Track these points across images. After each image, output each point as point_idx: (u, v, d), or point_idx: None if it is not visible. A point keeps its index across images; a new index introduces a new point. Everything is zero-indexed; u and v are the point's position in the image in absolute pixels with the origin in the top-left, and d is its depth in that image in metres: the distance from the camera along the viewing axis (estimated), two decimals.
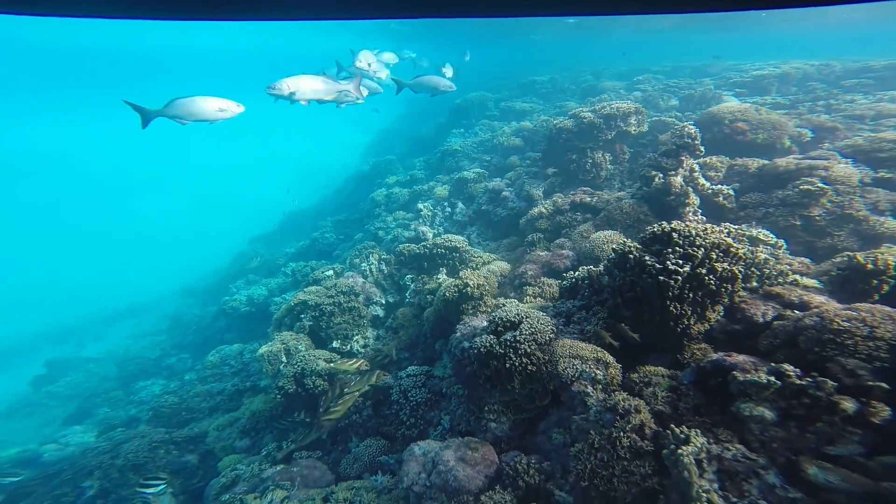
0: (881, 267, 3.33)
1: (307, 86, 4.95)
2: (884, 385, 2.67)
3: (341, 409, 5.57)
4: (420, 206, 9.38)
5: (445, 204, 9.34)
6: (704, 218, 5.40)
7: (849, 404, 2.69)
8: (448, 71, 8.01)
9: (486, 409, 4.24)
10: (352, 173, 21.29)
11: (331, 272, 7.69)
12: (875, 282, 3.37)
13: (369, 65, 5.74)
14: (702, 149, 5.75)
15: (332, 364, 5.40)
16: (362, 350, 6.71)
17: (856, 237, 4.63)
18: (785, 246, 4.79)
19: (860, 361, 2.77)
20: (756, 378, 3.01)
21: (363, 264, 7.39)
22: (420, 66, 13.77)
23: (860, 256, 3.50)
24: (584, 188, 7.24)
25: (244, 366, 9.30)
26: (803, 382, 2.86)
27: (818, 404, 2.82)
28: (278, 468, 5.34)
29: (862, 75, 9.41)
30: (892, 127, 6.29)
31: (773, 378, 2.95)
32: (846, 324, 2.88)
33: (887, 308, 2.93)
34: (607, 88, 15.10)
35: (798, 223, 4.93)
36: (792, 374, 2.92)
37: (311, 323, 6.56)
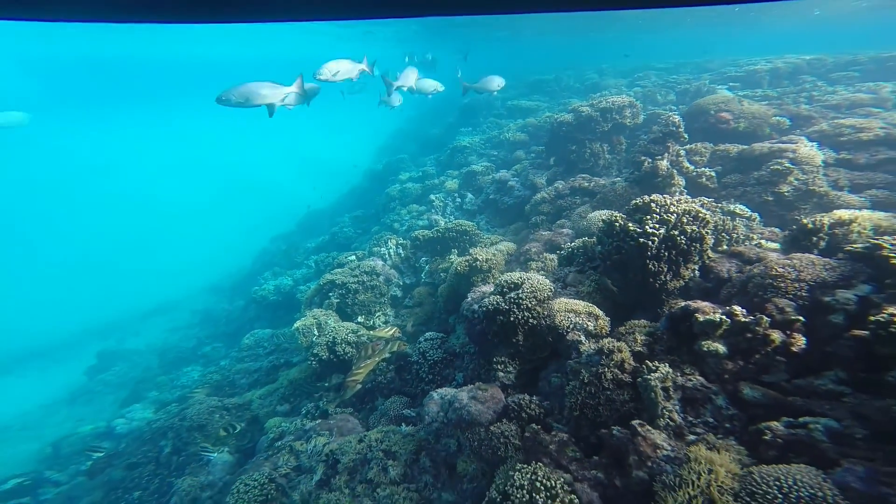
0: (818, 226, 3.97)
1: (256, 92, 5.31)
2: (801, 318, 3.33)
3: (364, 370, 6.38)
4: (432, 197, 10.17)
5: (456, 195, 10.11)
6: (689, 197, 6.05)
7: (777, 336, 3.36)
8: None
9: (495, 361, 4.98)
10: (365, 172, 22.22)
11: (353, 257, 8.53)
12: (814, 238, 4.00)
13: (334, 74, 6.03)
14: (685, 136, 6.41)
15: (371, 331, 6.22)
16: (384, 325, 7.52)
17: (819, 210, 5.21)
18: (759, 218, 5.43)
19: (788, 300, 3.44)
20: (712, 318, 3.70)
21: (382, 249, 8.21)
22: (428, 63, 14.67)
23: (805, 219, 4.15)
24: (583, 175, 7.93)
25: (276, 346, 10.23)
26: (747, 320, 3.54)
27: (757, 338, 3.50)
28: (317, 422, 6.19)
29: (849, 68, 9.85)
30: (861, 115, 6.80)
31: (724, 317, 3.64)
32: (781, 269, 3.55)
33: (812, 256, 3.59)
34: (609, 85, 15.67)
35: (770, 199, 5.55)
36: (739, 313, 3.59)
37: (338, 300, 7.40)
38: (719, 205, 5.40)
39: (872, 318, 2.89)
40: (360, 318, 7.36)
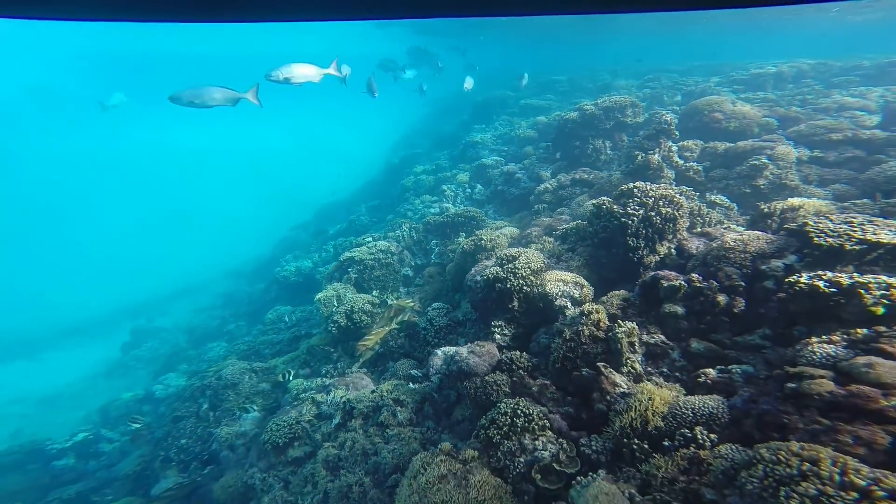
0: (772, 210, 4.57)
1: (207, 95, 5.97)
2: (741, 282, 3.96)
3: (374, 338, 7.19)
4: (444, 187, 10.91)
5: (466, 186, 10.84)
6: (667, 184, 6.65)
7: (722, 298, 4.00)
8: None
9: (493, 324, 5.70)
10: (382, 166, 23.08)
11: (370, 239, 9.33)
12: (769, 220, 4.60)
13: (286, 78, 6.30)
14: (676, 133, 7.00)
15: (398, 300, 7.03)
16: (397, 301, 8.30)
17: None
18: (736, 208, 6.02)
19: (735, 269, 4.07)
20: (674, 283, 4.35)
21: (396, 232, 9.00)
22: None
23: (762, 204, 4.75)
24: (584, 168, 8.56)
25: (296, 322, 11.12)
26: (701, 285, 4.18)
27: (708, 301, 4.13)
28: (335, 379, 7.02)
29: (851, 73, 10.17)
30: (847, 117, 7.23)
31: (683, 282, 4.29)
32: (733, 243, 4.18)
33: (759, 233, 4.21)
34: (620, 87, 16.14)
35: (748, 191, 6.11)
36: (696, 279, 4.24)
37: (356, 275, 8.21)
38: (698, 194, 6.00)
39: (788, 280, 3.52)
40: (374, 293, 8.15)
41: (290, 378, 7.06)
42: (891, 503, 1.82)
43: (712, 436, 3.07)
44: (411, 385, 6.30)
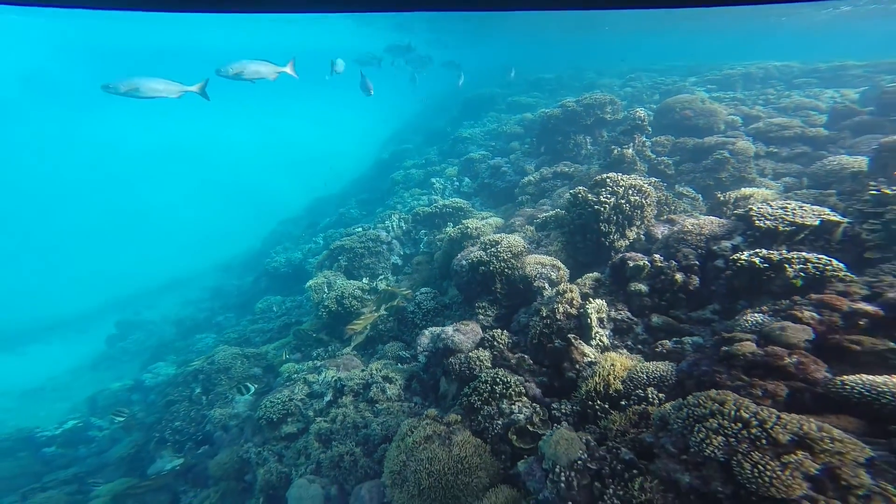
0: (727, 199, 5.04)
1: (146, 86, 6.00)
2: (696, 262, 4.41)
3: (363, 322, 7.52)
4: (433, 181, 11.25)
5: (455, 179, 11.19)
6: (637, 175, 7.11)
7: (679, 277, 4.44)
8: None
9: (477, 305, 6.08)
10: (372, 162, 23.27)
11: (360, 229, 9.62)
12: (724, 208, 5.08)
13: (237, 73, 6.40)
14: (649, 129, 7.46)
15: (390, 287, 7.34)
16: (388, 286, 8.61)
17: None
18: (702, 198, 6.50)
19: (691, 249, 4.51)
20: (639, 263, 4.78)
21: (386, 222, 9.30)
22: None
23: (719, 193, 5.22)
24: (566, 162, 8.99)
25: (286, 311, 11.35)
26: (662, 264, 4.62)
27: (667, 279, 4.58)
28: (326, 361, 7.32)
29: (811, 75, 10.85)
30: (802, 116, 7.81)
31: (647, 262, 4.72)
32: (690, 227, 4.63)
33: (713, 217, 4.67)
34: (604, 85, 16.66)
35: (712, 183, 6.61)
36: (658, 259, 4.68)
37: (346, 263, 8.51)
38: (665, 185, 6.46)
39: (732, 258, 3.97)
40: (364, 280, 8.46)
41: (251, 388, 7.27)
42: (761, 429, 2.26)
43: (661, 395, 3.49)
44: (400, 365, 6.65)
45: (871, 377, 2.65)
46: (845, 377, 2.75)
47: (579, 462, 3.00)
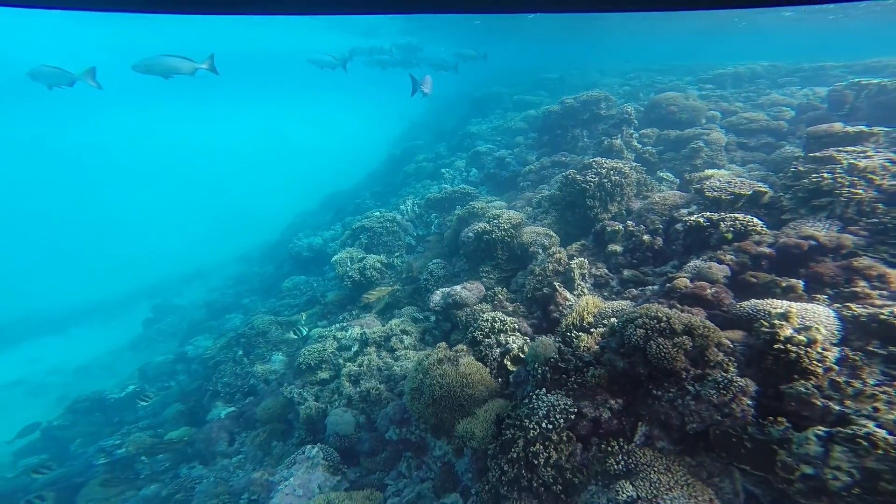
0: (693, 178, 6.05)
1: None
2: (660, 226, 5.44)
3: (377, 294, 8.64)
4: (443, 171, 12.35)
5: (463, 170, 12.27)
6: (618, 160, 8.11)
7: (647, 238, 5.47)
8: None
9: (481, 269, 7.16)
10: (384, 158, 24.47)
11: (377, 213, 10.77)
12: (690, 186, 6.08)
13: (149, 68, 6.64)
14: (636, 122, 8.46)
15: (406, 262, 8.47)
16: (402, 264, 9.73)
17: None
18: (679, 182, 7.49)
19: (657, 216, 5.54)
20: (615, 228, 5.82)
21: (401, 206, 10.43)
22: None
23: (686, 174, 6.22)
24: (563, 153, 10.01)
25: (311, 288, 12.55)
26: (633, 228, 5.65)
27: (637, 240, 5.60)
28: (351, 321, 8.46)
29: (794, 74, 11.68)
30: (775, 112, 8.69)
31: (621, 227, 5.76)
32: (658, 199, 5.66)
33: (677, 191, 5.68)
34: (605, 84, 17.58)
35: (689, 168, 7.58)
36: (630, 224, 5.71)
37: (366, 241, 9.65)
38: (646, 169, 7.47)
39: (685, 220, 4.98)
40: (382, 256, 9.60)
41: (304, 331, 8.42)
42: (666, 323, 3.30)
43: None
44: (415, 323, 7.76)
45: (755, 301, 3.67)
46: (742, 302, 3.77)
47: (552, 360, 4.07)
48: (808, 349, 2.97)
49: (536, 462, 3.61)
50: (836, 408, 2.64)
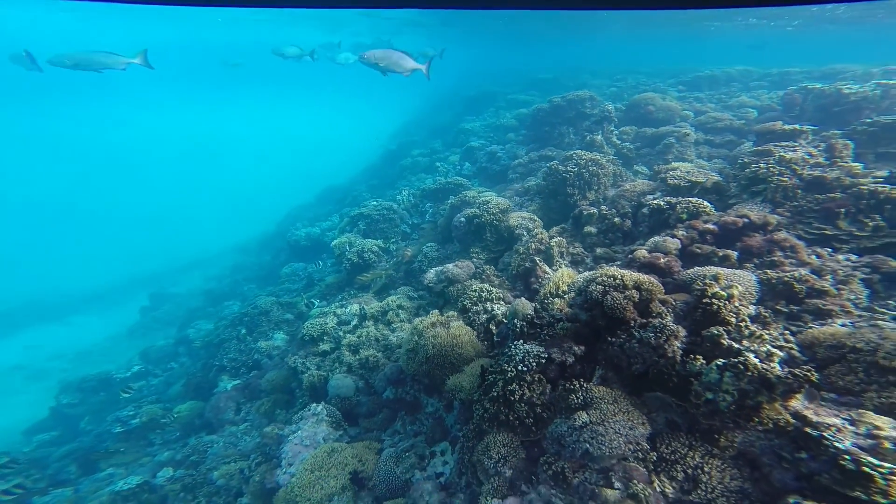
0: (660, 170, 6.81)
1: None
2: (630, 210, 6.18)
3: (371, 276, 9.29)
4: (437, 164, 13.02)
5: (457, 164, 12.95)
6: (596, 153, 8.85)
7: (618, 220, 6.20)
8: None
9: (471, 251, 7.85)
10: (380, 153, 25.06)
11: (374, 202, 11.41)
12: (658, 176, 6.84)
13: (75, 63, 6.44)
14: (616, 120, 9.20)
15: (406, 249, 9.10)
16: (398, 250, 10.38)
17: None
18: (650, 173, 8.24)
19: (627, 202, 6.27)
20: (591, 211, 6.55)
21: (397, 196, 11.08)
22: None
23: (655, 166, 6.98)
24: (550, 147, 10.74)
25: (308, 274, 13.15)
26: (606, 212, 6.38)
27: (609, 222, 6.33)
28: (350, 300, 9.11)
29: (764, 79, 12.57)
30: (741, 113, 9.51)
31: (596, 211, 6.49)
32: (629, 187, 6.40)
33: (646, 181, 6.43)
34: (595, 85, 18.36)
35: (661, 162, 8.35)
36: (604, 208, 6.44)
37: (364, 227, 10.29)
38: (622, 162, 8.22)
39: (649, 203, 5.72)
40: (379, 241, 10.25)
41: (315, 304, 9.05)
42: (620, 279, 4.02)
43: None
44: (410, 301, 8.43)
45: (697, 268, 4.41)
46: (688, 270, 4.51)
47: (528, 315, 4.77)
48: (727, 303, 3.70)
49: (513, 398, 4.31)
50: (735, 346, 3.36)
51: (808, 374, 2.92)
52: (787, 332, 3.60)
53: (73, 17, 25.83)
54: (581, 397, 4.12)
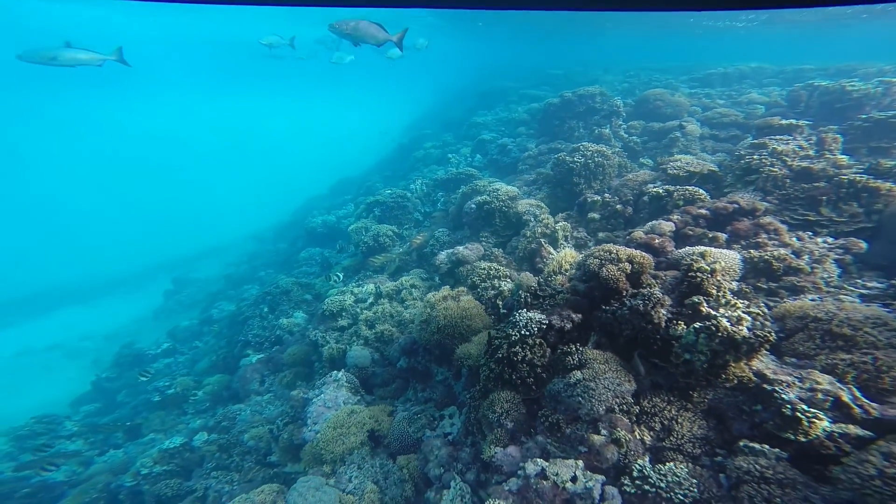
0: (664, 161, 7.20)
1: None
2: (631, 198, 6.60)
3: (384, 258, 9.83)
4: (449, 156, 13.49)
5: (468, 156, 13.42)
6: (602, 145, 9.23)
7: (620, 207, 6.62)
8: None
9: (481, 234, 8.34)
10: (393, 146, 25.61)
11: (388, 191, 11.95)
12: (661, 167, 7.23)
13: (51, 59, 6.34)
14: (624, 114, 9.57)
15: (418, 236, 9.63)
16: (411, 236, 10.91)
17: None
18: (654, 165, 8.61)
19: (629, 190, 6.69)
20: (595, 199, 6.98)
21: (411, 185, 11.60)
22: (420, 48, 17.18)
23: (659, 158, 7.36)
24: (559, 140, 11.13)
25: (325, 259, 13.79)
26: (609, 199, 6.81)
27: (612, 209, 6.76)
28: (366, 280, 9.69)
29: (778, 76, 12.71)
30: (750, 109, 9.75)
31: (600, 198, 6.91)
32: (631, 177, 6.81)
33: (648, 171, 6.82)
34: (607, 81, 18.60)
35: (667, 156, 8.71)
36: (607, 196, 6.86)
37: (379, 213, 10.84)
38: (627, 154, 8.60)
39: (650, 191, 6.13)
40: (393, 226, 10.80)
41: (341, 277, 9.63)
42: (615, 254, 4.47)
43: None
44: (422, 281, 8.96)
45: (687, 248, 4.83)
46: (680, 250, 4.94)
47: (532, 287, 5.26)
48: (710, 276, 4.14)
49: (516, 359, 4.81)
50: (712, 312, 3.80)
51: (768, 334, 3.35)
52: (762, 304, 4.02)
53: (101, 13, 26.75)
54: (577, 359, 4.60)
